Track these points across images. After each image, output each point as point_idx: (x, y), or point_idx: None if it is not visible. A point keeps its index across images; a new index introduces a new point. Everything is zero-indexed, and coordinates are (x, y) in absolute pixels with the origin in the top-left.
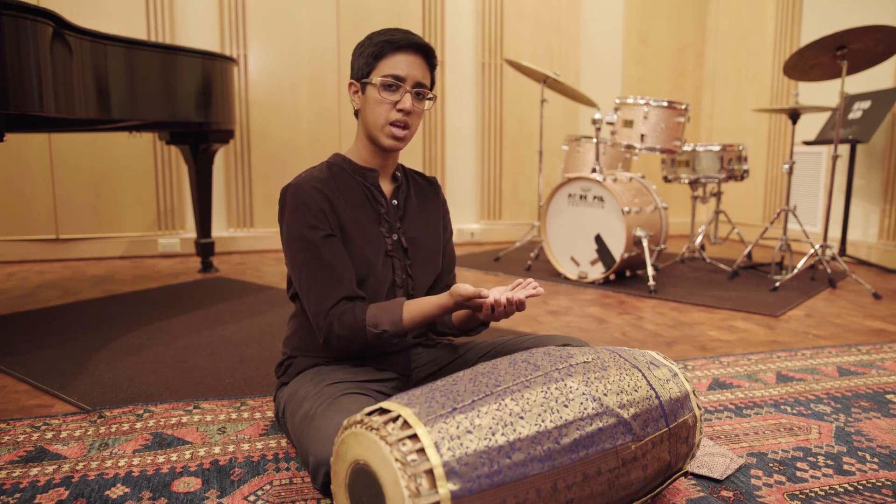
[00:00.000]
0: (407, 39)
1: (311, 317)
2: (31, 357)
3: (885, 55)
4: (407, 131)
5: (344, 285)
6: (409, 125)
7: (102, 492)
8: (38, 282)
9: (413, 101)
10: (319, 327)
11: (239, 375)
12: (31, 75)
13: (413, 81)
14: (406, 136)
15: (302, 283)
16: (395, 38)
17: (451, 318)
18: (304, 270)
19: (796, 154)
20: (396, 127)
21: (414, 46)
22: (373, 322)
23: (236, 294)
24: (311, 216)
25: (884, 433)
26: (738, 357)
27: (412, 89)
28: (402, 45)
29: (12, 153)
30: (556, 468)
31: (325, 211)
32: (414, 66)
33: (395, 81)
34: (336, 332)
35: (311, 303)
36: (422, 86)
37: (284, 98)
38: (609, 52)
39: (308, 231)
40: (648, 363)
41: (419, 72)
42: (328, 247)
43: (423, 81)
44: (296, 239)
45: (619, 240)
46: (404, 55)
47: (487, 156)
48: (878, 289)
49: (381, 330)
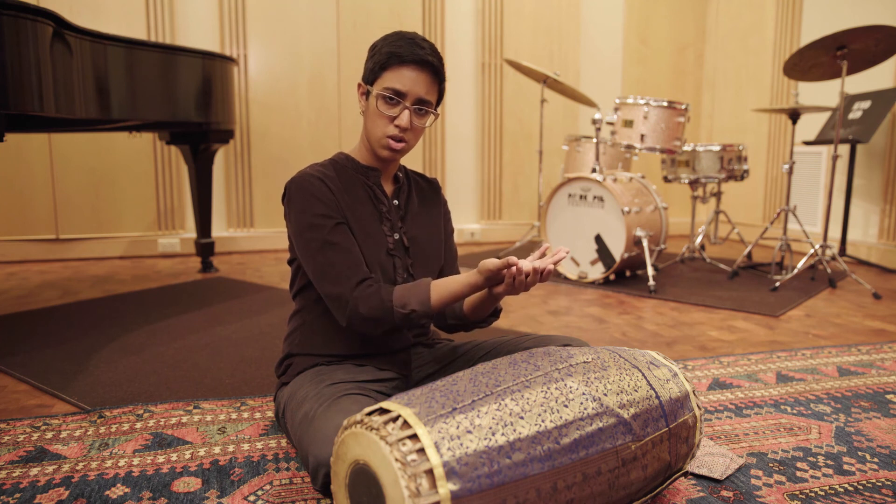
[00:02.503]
0: (413, 54)
1: (331, 300)
2: (31, 357)
3: (885, 55)
4: (403, 144)
5: (361, 268)
6: (406, 140)
7: (102, 492)
8: (38, 282)
9: (412, 117)
10: (343, 310)
11: (239, 375)
12: (31, 75)
13: (414, 98)
14: (403, 149)
15: (317, 270)
16: (402, 52)
17: (461, 308)
18: (318, 256)
19: (796, 154)
20: (393, 140)
21: (420, 62)
22: (400, 303)
23: (236, 294)
24: (321, 205)
25: (884, 433)
26: (738, 357)
27: (412, 105)
28: (408, 59)
29: (12, 153)
30: (556, 468)
31: (332, 200)
32: (418, 83)
33: (395, 97)
34: (361, 314)
35: (329, 286)
36: (424, 102)
37: (284, 98)
38: (609, 52)
39: (319, 219)
40: (648, 363)
41: (423, 88)
42: (340, 232)
43: (427, 98)
44: (307, 228)
45: (619, 240)
46: (410, 70)
47: (487, 156)
48: (878, 289)
49: (410, 310)
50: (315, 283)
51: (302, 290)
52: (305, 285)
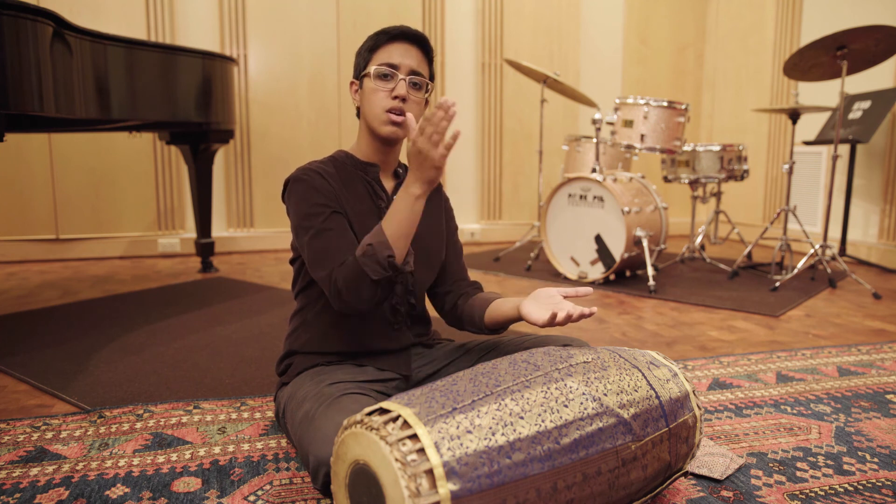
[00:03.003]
0: (400, 29)
1: (322, 284)
2: (31, 357)
3: (885, 55)
4: (404, 118)
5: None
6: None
7: (102, 492)
8: (38, 282)
9: (409, 88)
10: (330, 290)
11: (239, 375)
12: (31, 75)
13: (408, 69)
14: (405, 124)
15: (312, 256)
16: (389, 29)
17: (481, 319)
18: (313, 243)
19: (796, 154)
20: (393, 113)
21: (407, 36)
22: (360, 251)
23: (236, 294)
24: (319, 195)
25: (884, 433)
26: (738, 357)
27: (407, 76)
28: (395, 34)
29: (12, 153)
30: (556, 468)
31: (331, 191)
32: (408, 55)
33: (389, 69)
34: (341, 285)
35: (321, 270)
36: (417, 74)
37: (284, 98)
38: (609, 52)
39: (316, 208)
40: (648, 363)
41: (414, 61)
42: (336, 220)
43: (419, 70)
44: (304, 217)
45: (619, 240)
46: (398, 44)
47: (487, 156)
48: (878, 289)
49: (366, 245)
50: (310, 271)
51: (304, 289)
52: (307, 285)
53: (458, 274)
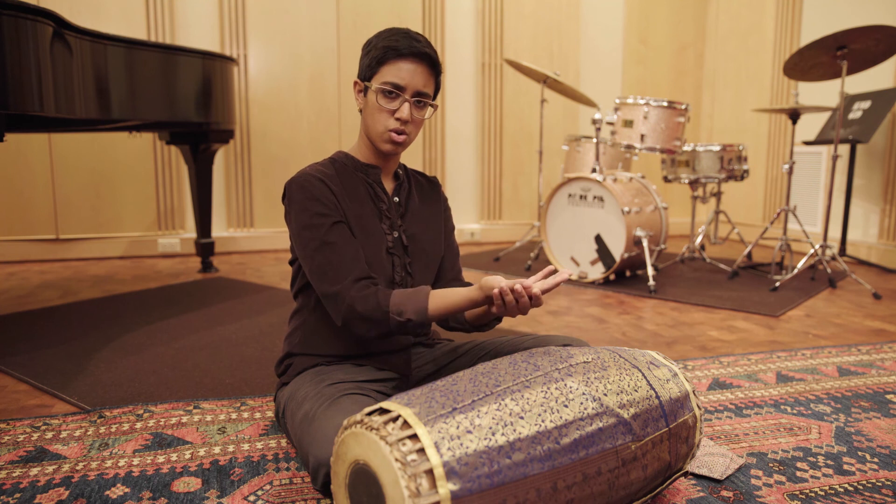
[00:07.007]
0: (410, 47)
1: (327, 299)
2: (31, 357)
3: (885, 55)
4: (405, 137)
5: (358, 266)
6: (408, 133)
7: (102, 492)
8: (38, 282)
9: (412, 109)
10: (339, 308)
11: (239, 375)
12: (31, 75)
13: (413, 90)
14: (404, 142)
15: (315, 270)
16: (399, 46)
17: (463, 313)
18: (316, 256)
19: (796, 154)
20: (395, 133)
21: (417, 55)
22: (397, 310)
23: (236, 294)
24: (320, 205)
25: (884, 433)
26: (738, 357)
27: (412, 98)
28: (405, 53)
29: (12, 153)
30: (556, 468)
31: (332, 199)
32: (416, 75)
33: (395, 90)
34: (359, 313)
35: (326, 285)
36: (423, 95)
37: (284, 98)
38: (609, 52)
39: (317, 218)
40: (648, 363)
41: (420, 80)
42: (338, 231)
43: (425, 90)
44: (305, 227)
45: (619, 240)
46: (407, 63)
47: (487, 156)
48: (878, 289)
49: (406, 319)
50: (313, 283)
51: (303, 289)
52: (306, 285)
53: (453, 274)
